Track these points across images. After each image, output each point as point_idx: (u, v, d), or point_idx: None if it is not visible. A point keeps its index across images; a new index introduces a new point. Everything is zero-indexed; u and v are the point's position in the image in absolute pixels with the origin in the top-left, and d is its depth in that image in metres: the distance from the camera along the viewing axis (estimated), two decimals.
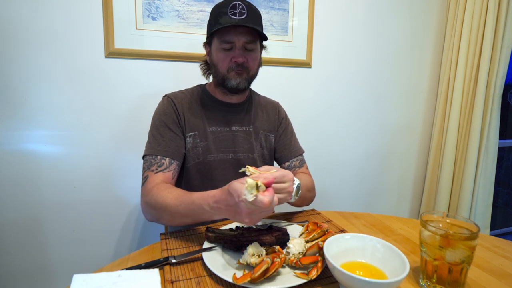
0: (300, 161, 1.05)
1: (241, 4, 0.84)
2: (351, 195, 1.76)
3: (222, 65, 0.88)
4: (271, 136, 1.04)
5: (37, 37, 1.12)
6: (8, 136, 1.14)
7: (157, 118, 0.91)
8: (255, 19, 0.86)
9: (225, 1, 0.85)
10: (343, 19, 1.56)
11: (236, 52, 0.86)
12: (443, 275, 0.54)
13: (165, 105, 0.93)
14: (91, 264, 1.30)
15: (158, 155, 0.85)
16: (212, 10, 0.89)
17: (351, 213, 0.92)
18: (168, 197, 0.73)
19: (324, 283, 0.57)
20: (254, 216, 0.58)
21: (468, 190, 1.68)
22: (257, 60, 0.92)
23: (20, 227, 1.19)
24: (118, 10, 1.19)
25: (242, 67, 0.88)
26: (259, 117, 1.02)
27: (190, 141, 0.92)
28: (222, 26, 0.81)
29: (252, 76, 0.92)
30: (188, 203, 0.69)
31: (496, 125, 1.70)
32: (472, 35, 1.63)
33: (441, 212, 0.60)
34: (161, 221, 0.78)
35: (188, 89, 0.99)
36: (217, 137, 0.94)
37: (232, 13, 0.83)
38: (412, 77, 1.77)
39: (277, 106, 1.08)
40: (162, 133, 0.88)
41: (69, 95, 1.19)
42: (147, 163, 0.85)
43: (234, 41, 0.85)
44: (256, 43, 0.89)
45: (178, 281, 0.56)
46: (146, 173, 0.84)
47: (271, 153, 1.05)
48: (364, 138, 1.73)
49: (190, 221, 0.72)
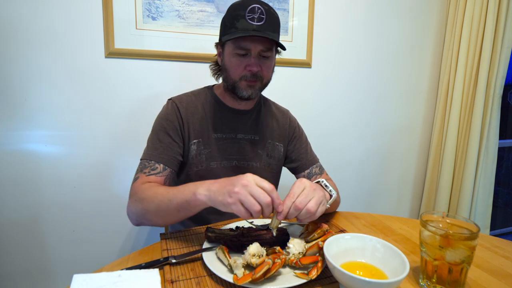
0: (320, 167, 1.03)
1: (260, 8, 0.79)
2: (351, 195, 1.76)
3: (235, 71, 0.84)
4: (280, 146, 1.00)
5: (37, 37, 1.12)
6: (8, 136, 1.14)
7: (158, 122, 0.89)
8: (273, 25, 0.82)
9: (243, 3, 0.80)
10: (343, 19, 1.56)
11: (252, 61, 0.82)
12: (443, 275, 0.54)
13: (168, 110, 0.90)
14: (91, 264, 1.30)
15: (152, 160, 0.83)
16: (228, 10, 0.84)
17: (351, 213, 0.92)
18: (160, 188, 0.73)
19: (324, 283, 0.57)
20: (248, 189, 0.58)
21: (468, 190, 1.68)
22: (271, 67, 0.88)
23: (20, 227, 1.19)
24: (118, 10, 1.19)
25: (256, 77, 0.84)
26: (268, 125, 0.99)
27: (194, 149, 0.89)
28: (239, 36, 0.77)
29: (265, 85, 0.89)
30: (179, 189, 0.68)
31: (496, 125, 1.70)
32: (472, 35, 1.63)
33: (441, 212, 0.60)
34: (148, 215, 0.73)
35: (194, 92, 0.96)
36: (222, 144, 0.92)
37: (250, 18, 0.78)
38: (412, 77, 1.78)
39: (288, 115, 1.05)
40: (160, 138, 0.86)
41: (69, 95, 1.19)
42: (140, 166, 0.83)
43: (250, 48, 0.81)
44: (272, 50, 0.85)
45: (178, 281, 0.56)
46: (138, 174, 0.82)
47: (279, 163, 1.02)
48: (364, 138, 1.73)
49: (174, 210, 0.68)
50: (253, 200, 0.58)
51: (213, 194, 0.62)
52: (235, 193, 0.58)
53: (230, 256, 0.59)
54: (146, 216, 0.73)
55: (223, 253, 0.60)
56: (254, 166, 0.96)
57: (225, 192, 0.60)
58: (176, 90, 1.00)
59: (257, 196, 0.58)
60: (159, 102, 0.96)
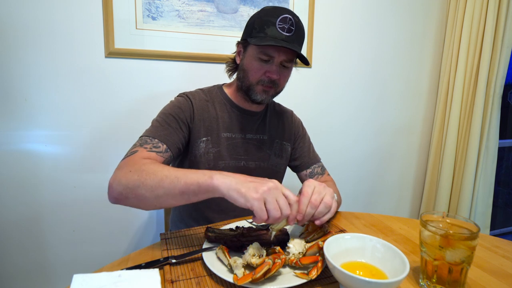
0: (322, 167, 1.04)
1: (291, 20, 0.80)
2: (351, 195, 1.76)
3: (254, 74, 0.85)
4: (287, 145, 1.01)
5: (37, 37, 1.12)
6: (8, 136, 1.14)
7: (169, 107, 0.86)
8: (300, 38, 0.83)
9: (276, 10, 0.81)
10: (343, 19, 1.56)
11: (273, 68, 0.83)
12: (443, 275, 0.54)
13: (181, 102, 0.88)
14: (91, 264, 1.30)
15: (156, 138, 0.78)
16: (259, 14, 0.84)
17: (351, 213, 0.92)
18: (165, 166, 0.67)
19: (324, 283, 0.57)
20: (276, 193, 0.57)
21: (468, 190, 1.68)
22: (288, 77, 0.90)
23: (20, 227, 1.19)
24: (118, 10, 1.19)
25: (273, 83, 0.85)
26: (275, 125, 1.00)
27: (202, 147, 0.89)
28: (269, 44, 0.77)
29: (278, 92, 0.91)
30: (191, 170, 0.63)
31: (496, 125, 1.70)
32: (472, 35, 1.63)
33: (441, 212, 0.60)
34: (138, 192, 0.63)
35: (205, 89, 0.95)
36: (231, 144, 0.92)
37: (281, 27, 0.79)
38: (412, 77, 1.78)
39: (292, 115, 1.07)
40: (168, 121, 0.83)
41: (69, 95, 1.19)
42: (140, 141, 0.77)
43: (274, 56, 0.82)
44: (293, 61, 0.87)
45: (178, 281, 0.56)
46: (136, 148, 0.74)
47: (286, 163, 1.03)
48: (364, 138, 1.73)
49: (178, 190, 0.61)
50: (277, 206, 0.57)
51: (234, 183, 0.58)
52: (264, 191, 0.57)
53: (230, 256, 0.59)
54: (138, 191, 0.63)
55: (223, 253, 0.60)
56: (262, 166, 0.96)
57: (250, 187, 0.57)
58: (176, 90, 1.00)
59: (281, 204, 0.58)
60: (159, 102, 0.96)
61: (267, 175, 0.62)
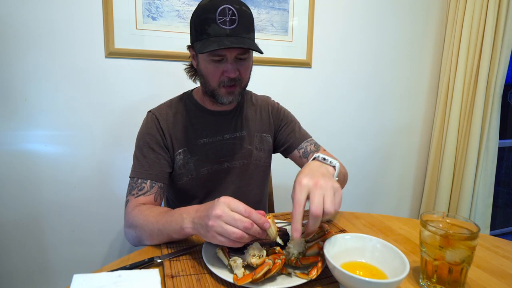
0: (315, 144, 0.97)
1: (231, 9, 0.73)
2: (351, 195, 1.76)
3: (212, 78, 0.80)
4: (267, 137, 0.98)
5: (37, 37, 1.12)
6: (8, 136, 1.14)
7: (140, 138, 0.87)
8: (247, 25, 0.77)
9: (212, 4, 0.74)
10: (343, 19, 1.56)
11: (228, 67, 0.78)
12: (443, 275, 0.54)
13: (148, 124, 0.88)
14: (91, 264, 1.30)
15: (139, 178, 0.81)
16: (196, 12, 0.77)
17: (351, 213, 0.91)
18: (150, 215, 0.71)
19: (324, 283, 0.57)
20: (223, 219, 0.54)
21: (468, 190, 1.68)
22: (249, 68, 0.84)
23: (20, 227, 1.19)
24: (118, 10, 1.19)
25: (235, 81, 0.80)
26: (253, 118, 0.96)
27: (180, 158, 0.88)
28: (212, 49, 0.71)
29: (245, 86, 0.86)
30: (167, 219, 0.67)
31: (496, 125, 1.70)
32: (472, 35, 1.63)
33: (441, 212, 0.60)
34: (143, 241, 0.72)
35: (173, 100, 0.93)
36: (210, 149, 0.90)
37: (222, 21, 0.73)
38: (412, 77, 1.78)
39: (268, 102, 1.01)
40: (145, 154, 0.84)
41: (69, 95, 1.19)
42: (129, 187, 0.82)
43: (225, 54, 0.76)
44: (249, 51, 0.80)
45: (178, 276, 0.56)
46: (128, 197, 0.81)
47: (269, 154, 1.00)
48: (364, 138, 1.73)
49: (166, 238, 0.68)
50: (230, 229, 0.54)
51: (197, 227, 0.60)
52: (211, 227, 0.55)
53: (230, 256, 0.59)
54: (142, 242, 0.72)
55: (223, 253, 0.60)
56: (246, 163, 0.94)
57: (203, 225, 0.57)
58: (176, 90, 1.00)
59: (234, 224, 0.54)
60: (159, 102, 0.95)
61: (252, 171, 0.60)
